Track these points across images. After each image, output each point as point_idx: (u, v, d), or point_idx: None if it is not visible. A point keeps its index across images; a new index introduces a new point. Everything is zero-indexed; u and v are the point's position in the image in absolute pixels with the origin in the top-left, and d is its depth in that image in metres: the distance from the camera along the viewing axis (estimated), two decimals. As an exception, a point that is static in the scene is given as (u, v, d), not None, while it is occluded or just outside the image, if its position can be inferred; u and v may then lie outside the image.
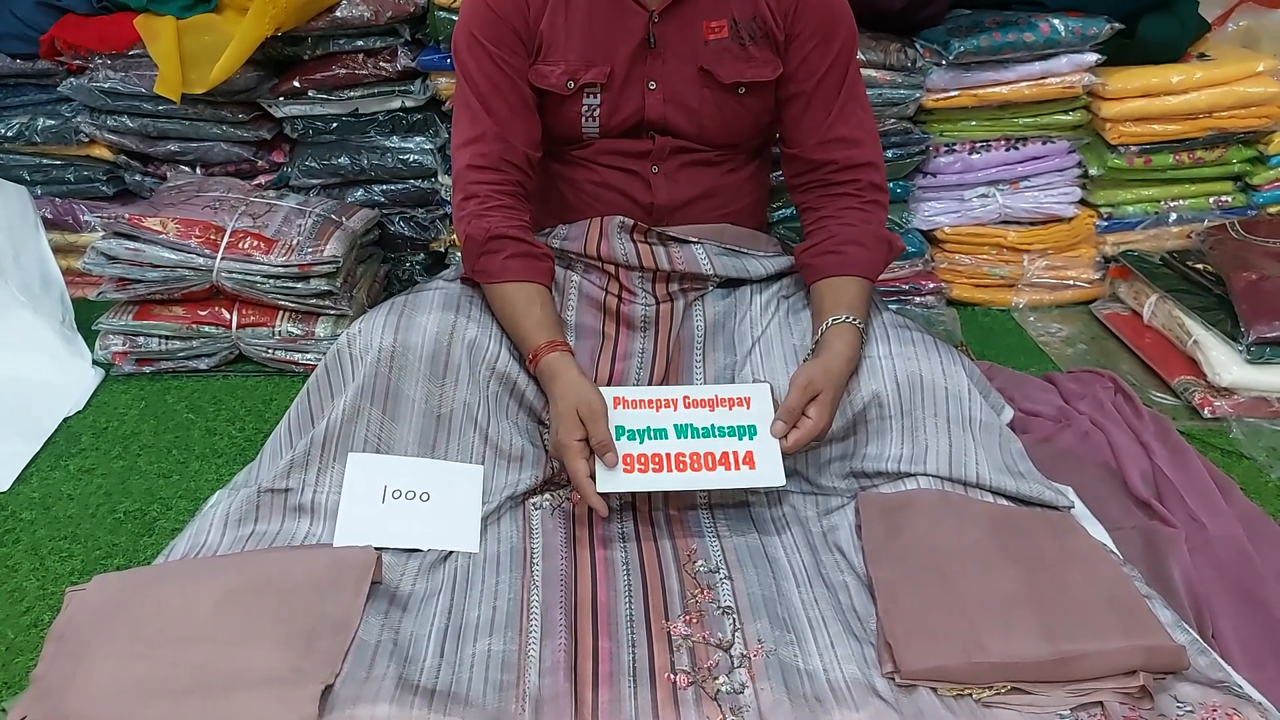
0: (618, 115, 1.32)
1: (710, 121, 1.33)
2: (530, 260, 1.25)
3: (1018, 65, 1.82)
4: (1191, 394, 1.64)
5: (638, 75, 1.30)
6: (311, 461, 1.17)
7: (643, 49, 1.29)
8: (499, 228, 1.24)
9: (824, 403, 1.13)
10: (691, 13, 1.28)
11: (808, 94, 1.31)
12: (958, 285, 1.98)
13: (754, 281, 1.38)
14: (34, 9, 1.73)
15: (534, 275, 1.24)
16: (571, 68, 1.28)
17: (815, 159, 1.33)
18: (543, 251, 1.27)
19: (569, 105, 1.31)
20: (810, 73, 1.30)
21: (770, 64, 1.30)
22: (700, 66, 1.29)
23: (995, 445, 1.20)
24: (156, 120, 1.79)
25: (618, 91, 1.30)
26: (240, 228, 1.65)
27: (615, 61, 1.28)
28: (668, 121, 1.33)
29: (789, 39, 1.30)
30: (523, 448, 1.21)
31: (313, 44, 1.77)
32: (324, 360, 1.23)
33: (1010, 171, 1.92)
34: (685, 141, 1.35)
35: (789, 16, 1.29)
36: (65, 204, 1.89)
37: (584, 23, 1.28)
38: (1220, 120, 1.88)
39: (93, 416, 1.58)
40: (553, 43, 1.28)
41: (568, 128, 1.33)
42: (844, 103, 1.32)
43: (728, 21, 1.28)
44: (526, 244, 1.25)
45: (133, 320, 1.66)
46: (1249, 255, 1.75)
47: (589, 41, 1.28)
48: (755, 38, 1.29)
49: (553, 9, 1.27)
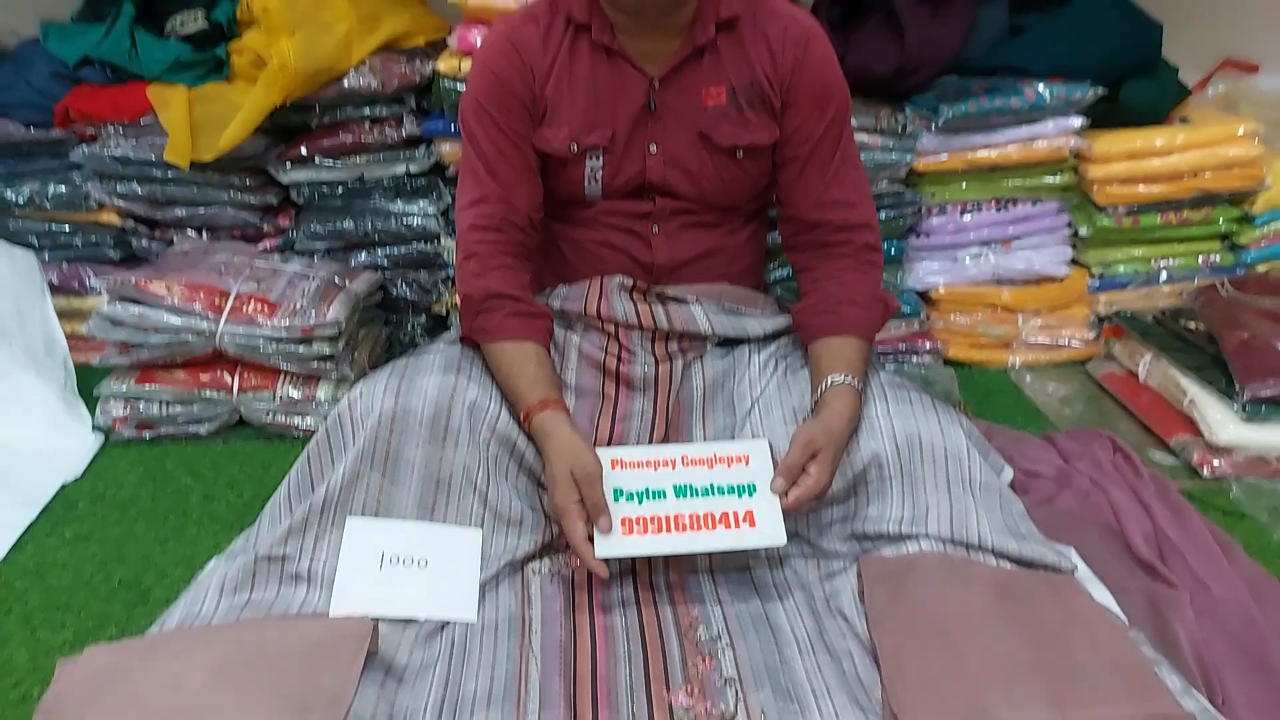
0: (620, 177, 1.35)
1: (709, 184, 1.36)
2: (528, 319, 1.27)
3: (1005, 129, 1.86)
4: (1190, 453, 1.64)
5: (639, 138, 1.33)
6: (310, 527, 1.17)
7: (644, 114, 1.32)
8: (497, 287, 1.26)
9: (824, 460, 1.14)
10: (691, 79, 1.32)
11: (803, 158, 1.34)
12: (954, 345, 2.00)
13: (752, 341, 1.39)
14: (50, 79, 1.77)
15: (531, 334, 1.26)
16: (575, 131, 1.32)
17: (811, 219, 1.35)
18: (541, 311, 1.29)
19: (572, 168, 1.34)
20: (806, 138, 1.33)
21: (767, 129, 1.33)
22: (700, 131, 1.33)
23: (996, 506, 1.20)
24: (165, 186, 1.82)
25: (620, 154, 1.33)
26: (245, 291, 1.67)
27: (617, 125, 1.32)
28: (668, 183, 1.36)
29: (785, 105, 1.33)
30: (522, 511, 1.21)
31: (320, 112, 1.81)
32: (324, 424, 1.23)
33: (1001, 232, 1.95)
34: (685, 203, 1.37)
35: (786, 84, 1.32)
36: (72, 269, 1.91)
37: (587, 88, 1.31)
38: (1204, 181, 1.92)
39: (91, 483, 1.58)
40: (556, 108, 1.32)
41: (571, 190, 1.36)
42: (839, 166, 1.35)
43: (726, 88, 1.32)
44: (524, 303, 1.27)
45: (134, 385, 1.66)
46: (1239, 314, 1.77)
47: (592, 106, 1.31)
48: (753, 104, 1.32)
49: (557, 75, 1.31)
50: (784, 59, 1.31)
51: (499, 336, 1.25)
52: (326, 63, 1.72)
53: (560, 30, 1.31)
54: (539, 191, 1.34)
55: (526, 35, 1.31)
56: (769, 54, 1.31)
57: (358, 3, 1.78)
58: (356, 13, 1.76)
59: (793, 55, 1.31)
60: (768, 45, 1.31)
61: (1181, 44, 2.02)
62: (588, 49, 1.31)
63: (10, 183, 1.85)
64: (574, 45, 1.31)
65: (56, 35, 1.79)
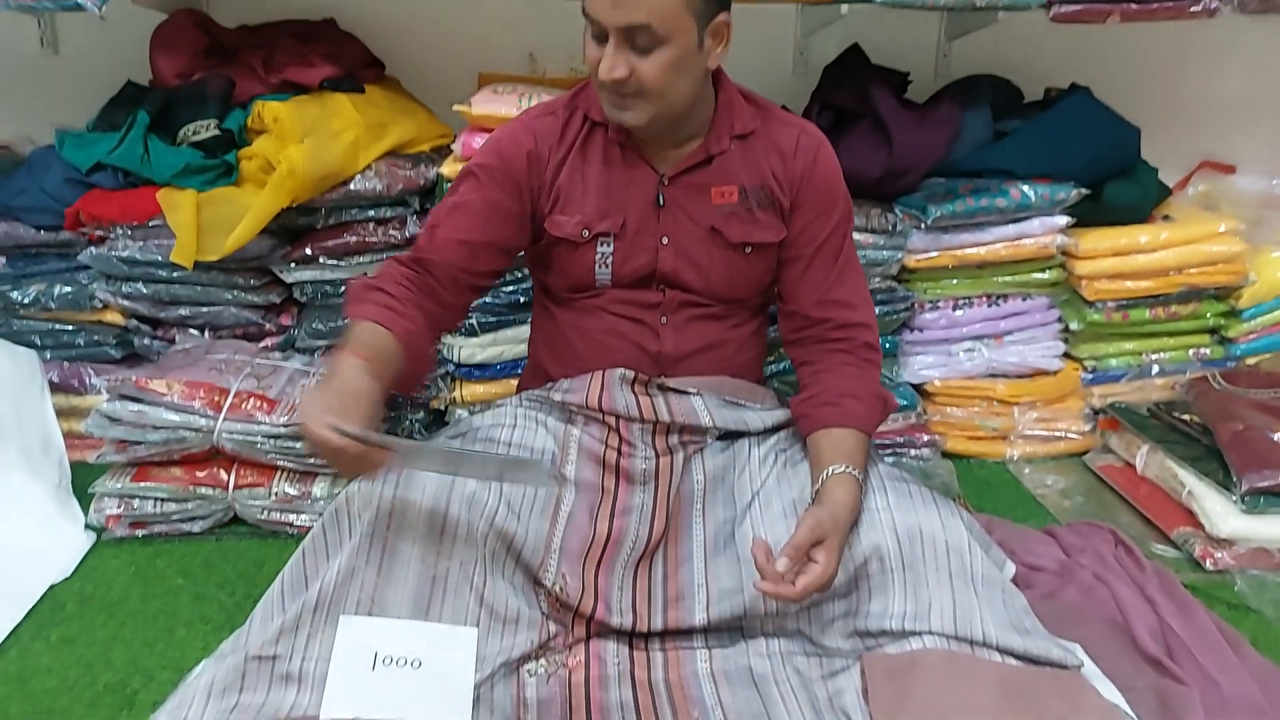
0: (629, 264, 1.39)
1: (718, 277, 1.40)
2: (391, 312, 1.25)
3: (992, 227, 1.91)
4: (1192, 546, 1.63)
5: (650, 229, 1.38)
6: (302, 626, 1.15)
7: (654, 207, 1.38)
8: (375, 282, 1.29)
9: (830, 548, 1.13)
10: (702, 179, 1.38)
11: (808, 257, 1.40)
12: (952, 437, 2.01)
13: (752, 434, 1.40)
14: (62, 184, 1.82)
15: (388, 322, 1.24)
16: (586, 218, 1.37)
17: (813, 316, 1.40)
18: (409, 315, 1.26)
19: (583, 252, 1.39)
20: (811, 238, 1.39)
21: (775, 228, 1.39)
22: (710, 226, 1.38)
23: (999, 601, 1.19)
24: (170, 286, 1.85)
25: (630, 242, 1.38)
26: (244, 389, 1.68)
27: (628, 214, 1.37)
28: (678, 275, 1.40)
29: (793, 207, 1.40)
30: (518, 609, 1.19)
31: (326, 214, 1.85)
32: (322, 519, 1.22)
33: (993, 327, 1.98)
34: (694, 295, 1.41)
35: (795, 188, 1.39)
36: (73, 367, 1.92)
37: (599, 179, 1.37)
38: (1190, 277, 1.97)
39: (80, 583, 1.55)
40: (569, 196, 1.37)
41: (582, 274, 1.40)
42: (841, 269, 1.40)
43: (738, 188, 1.38)
44: (398, 301, 1.27)
45: (130, 483, 1.65)
46: (1232, 406, 1.79)
47: (604, 196, 1.37)
48: (762, 204, 1.39)
49: (570, 165, 1.37)
50: (795, 165, 1.38)
51: (361, 317, 1.24)
52: (334, 168, 1.77)
53: (578, 124, 1.38)
54: (474, 260, 1.36)
55: (544, 126, 1.39)
56: (780, 159, 1.38)
57: (366, 111, 1.86)
58: (364, 121, 1.83)
59: (803, 162, 1.38)
60: (779, 151, 1.39)
61: (1160, 146, 2.10)
62: (602, 141, 1.38)
63: (17, 284, 1.88)
64: (589, 138, 1.38)
65: (71, 142, 1.85)
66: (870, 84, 1.94)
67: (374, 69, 2.05)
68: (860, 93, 1.95)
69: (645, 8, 1.19)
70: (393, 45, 2.10)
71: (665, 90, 1.25)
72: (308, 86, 1.86)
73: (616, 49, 1.22)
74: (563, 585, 1.21)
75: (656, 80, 1.24)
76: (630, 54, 1.23)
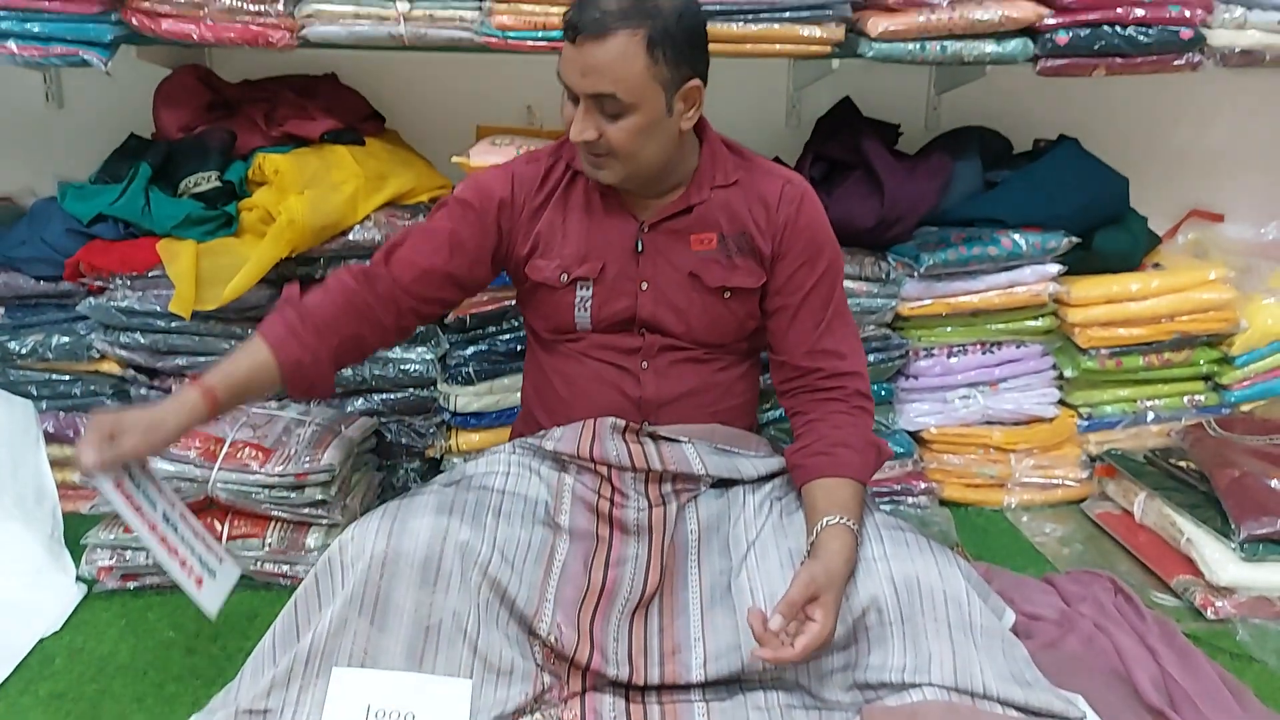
0: (608, 308, 1.40)
1: (697, 321, 1.41)
2: (288, 334, 1.32)
3: (985, 275, 1.93)
4: (1192, 594, 1.62)
5: (629, 274, 1.40)
6: (294, 679, 1.14)
7: (633, 253, 1.39)
8: (299, 298, 1.36)
9: (827, 604, 1.13)
10: (681, 226, 1.40)
11: (794, 308, 1.40)
12: (949, 485, 2.00)
13: (746, 482, 1.40)
14: (63, 235, 1.83)
15: (277, 342, 1.31)
16: (565, 263, 1.40)
17: (803, 366, 1.40)
18: (307, 343, 1.32)
19: (562, 296, 1.41)
20: (797, 288, 1.40)
21: (754, 274, 1.40)
22: (690, 272, 1.39)
23: (999, 652, 1.18)
24: (168, 336, 1.85)
25: (609, 286, 1.40)
26: (240, 438, 1.67)
27: (608, 260, 1.39)
28: (658, 319, 1.41)
29: (777, 256, 1.40)
30: (512, 661, 1.18)
31: (324, 264, 1.86)
32: (314, 569, 1.21)
33: (988, 374, 1.99)
34: (674, 339, 1.42)
35: (778, 237, 1.40)
36: (68, 418, 1.92)
37: (580, 225, 1.40)
38: (1182, 324, 1.98)
39: (70, 636, 1.53)
40: (550, 241, 1.40)
41: (563, 317, 1.42)
42: (830, 319, 1.41)
43: (716, 235, 1.40)
44: (301, 325, 1.33)
45: (123, 534, 1.64)
46: (1229, 453, 1.79)
47: (583, 241, 1.39)
48: (742, 250, 1.40)
49: (552, 211, 1.40)
50: (779, 214, 1.40)
51: (260, 330, 1.33)
52: (333, 219, 1.79)
53: (560, 172, 1.42)
54: (426, 285, 1.40)
55: (526, 173, 1.42)
56: (764, 209, 1.40)
57: (366, 163, 1.88)
58: (364, 172, 1.85)
59: (787, 212, 1.40)
60: (763, 201, 1.40)
61: (1149, 196, 2.14)
62: (584, 189, 1.40)
63: (15, 334, 1.88)
64: (570, 185, 1.41)
65: (74, 195, 1.86)
66: (862, 135, 1.98)
67: (374, 122, 2.08)
68: (852, 144, 1.98)
69: (610, 78, 1.23)
70: (393, 99, 2.14)
71: (635, 153, 1.29)
72: (309, 139, 1.89)
73: (586, 113, 1.27)
74: (558, 635, 1.19)
75: (624, 144, 1.28)
76: (600, 118, 1.27)
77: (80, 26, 1.70)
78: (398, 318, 1.40)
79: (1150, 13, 1.82)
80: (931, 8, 1.76)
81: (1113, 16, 1.81)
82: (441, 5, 1.73)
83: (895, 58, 1.80)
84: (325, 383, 1.36)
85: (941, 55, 1.81)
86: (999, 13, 1.78)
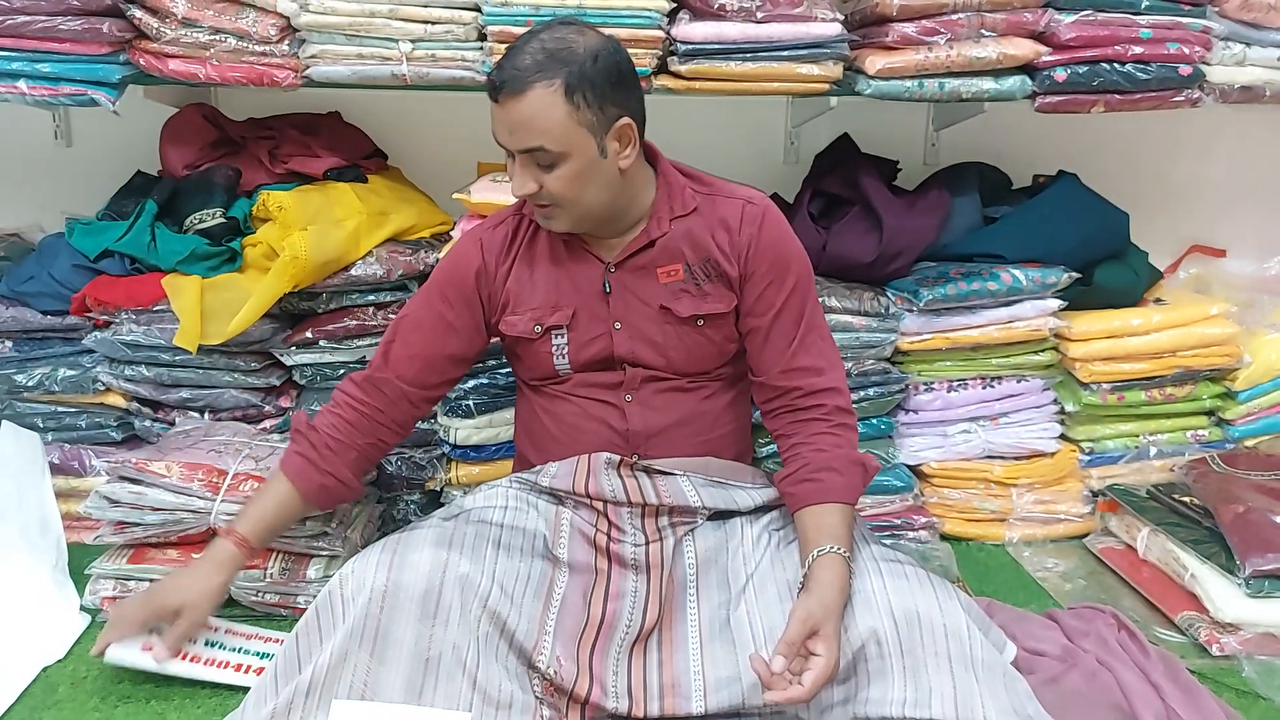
0: (585, 352, 1.42)
1: (675, 353, 1.42)
2: (307, 465, 1.43)
3: (984, 310, 1.93)
4: (1197, 630, 1.60)
5: (601, 316, 1.42)
6: (294, 710, 1.14)
7: (602, 294, 1.41)
8: (308, 425, 1.46)
9: (827, 635, 1.13)
10: (645, 260, 1.41)
11: (766, 327, 1.41)
12: (949, 520, 1.99)
13: (743, 513, 1.40)
14: (70, 271, 1.86)
15: (298, 479, 1.43)
16: (538, 314, 1.42)
17: (780, 385, 1.41)
18: (325, 468, 1.43)
19: (539, 346, 1.43)
20: (767, 307, 1.41)
21: (724, 298, 1.42)
22: (660, 305, 1.41)
23: (1000, 686, 1.17)
24: (172, 370, 1.87)
25: (583, 331, 1.42)
26: (242, 470, 1.68)
27: (578, 305, 1.41)
28: (636, 355, 1.42)
29: (744, 277, 1.41)
30: (511, 694, 1.18)
31: (327, 299, 1.89)
32: (315, 602, 1.22)
33: (989, 409, 1.99)
34: (655, 371, 1.43)
35: (743, 257, 1.41)
36: (74, 450, 1.93)
37: (547, 275, 1.42)
38: (1184, 359, 1.98)
39: (73, 665, 1.54)
40: (519, 297, 1.43)
41: (543, 366, 1.44)
42: (804, 334, 1.41)
43: (682, 266, 1.41)
44: (317, 453, 1.44)
45: (126, 564, 1.65)
46: (1233, 488, 1.78)
47: (552, 290, 1.42)
48: (710, 277, 1.41)
49: (518, 268, 1.44)
50: (741, 235, 1.40)
51: (280, 464, 1.46)
52: (336, 254, 1.81)
53: (525, 229, 1.45)
54: (428, 376, 1.48)
55: (493, 239, 1.46)
56: (726, 232, 1.41)
57: (368, 200, 1.91)
58: (366, 209, 1.88)
59: (749, 231, 1.40)
60: (724, 224, 1.41)
61: (1149, 231, 2.14)
62: (548, 240, 1.43)
63: (22, 367, 1.90)
64: (534, 239, 1.44)
65: (81, 231, 1.89)
66: (860, 171, 1.99)
67: (377, 159, 2.11)
68: (850, 180, 2.00)
69: (535, 131, 1.26)
70: (395, 136, 2.17)
71: (576, 199, 1.32)
72: (312, 176, 1.92)
73: (523, 168, 1.31)
74: (557, 668, 1.19)
75: (564, 192, 1.31)
76: (536, 170, 1.30)
77: (89, 67, 1.74)
78: (411, 410, 1.49)
79: (1149, 50, 1.83)
80: (930, 46, 1.78)
81: (1111, 54, 1.83)
82: (444, 45, 1.76)
83: (893, 95, 1.82)
84: (352, 493, 1.49)
85: (939, 93, 1.83)
86: (997, 50, 1.80)
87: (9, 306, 1.89)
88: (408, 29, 1.74)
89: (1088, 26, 1.82)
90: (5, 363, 1.91)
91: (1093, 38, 1.82)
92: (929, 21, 1.78)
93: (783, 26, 1.76)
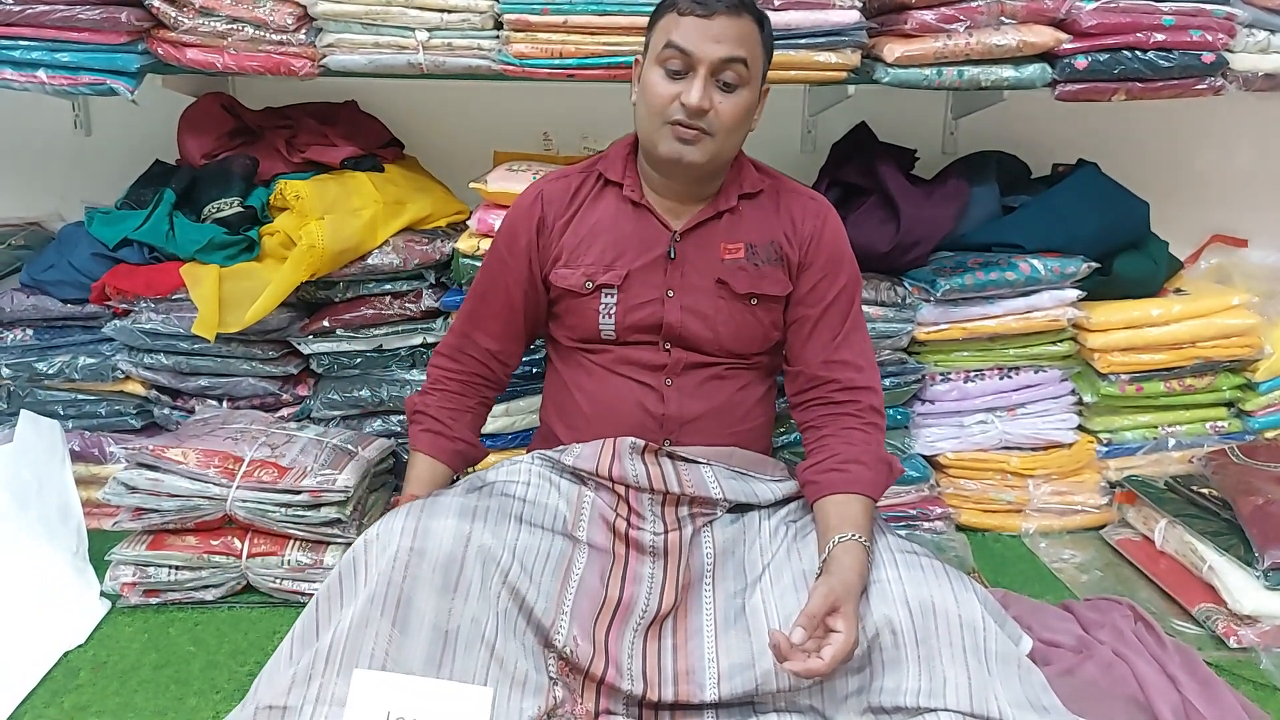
0: (633, 315, 1.43)
1: (724, 329, 1.44)
2: (437, 437, 1.49)
3: (1002, 300, 1.92)
4: (1215, 622, 1.59)
5: (655, 282, 1.43)
6: (314, 676, 1.13)
7: (663, 260, 1.43)
8: (423, 404, 1.51)
9: (848, 614, 1.14)
10: (711, 234, 1.44)
11: (815, 318, 1.45)
12: (965, 510, 1.98)
13: (762, 506, 1.40)
14: (90, 259, 1.87)
15: (436, 451, 1.48)
16: (591, 271, 1.43)
17: (819, 375, 1.43)
18: (454, 435, 1.50)
19: (587, 303, 1.44)
20: (819, 299, 1.45)
21: (781, 282, 1.45)
22: (717, 279, 1.43)
23: (1015, 678, 1.17)
24: (191, 358, 1.89)
25: (633, 294, 1.43)
26: (258, 457, 1.69)
27: (634, 268, 1.43)
28: (685, 327, 1.43)
29: (802, 266, 1.46)
30: (527, 673, 1.17)
31: (344, 288, 1.90)
32: (338, 566, 1.21)
33: (1006, 399, 1.98)
34: (700, 355, 1.44)
35: (805, 247, 1.46)
36: (93, 437, 1.95)
37: (608, 233, 1.44)
38: (1204, 350, 1.96)
39: (94, 650, 1.56)
40: (574, 251, 1.45)
41: (586, 326, 1.45)
42: (849, 331, 1.45)
43: (744, 245, 1.44)
44: (442, 424, 1.49)
45: (145, 550, 1.67)
46: (1252, 480, 1.76)
47: (610, 249, 1.44)
48: (770, 260, 1.44)
49: (576, 223, 1.46)
50: (804, 227, 1.46)
51: (414, 447, 1.51)
52: (353, 243, 1.82)
53: (590, 185, 1.48)
54: (510, 335, 1.53)
55: (555, 190, 1.48)
56: (790, 222, 1.46)
57: (385, 189, 1.91)
58: (383, 198, 1.89)
59: (812, 225, 1.46)
60: (789, 214, 1.46)
61: (1170, 221, 2.12)
62: (614, 199, 1.45)
63: (43, 355, 1.92)
64: (600, 195, 1.47)
65: (100, 220, 1.90)
66: (878, 160, 1.98)
67: (394, 148, 2.12)
68: (868, 169, 1.99)
69: (746, 44, 1.33)
70: (412, 125, 2.18)
71: (733, 130, 1.36)
72: (329, 165, 1.92)
73: (704, 83, 1.33)
74: (574, 648, 1.20)
75: (730, 119, 1.35)
76: (715, 91, 1.34)
77: (108, 56, 1.74)
78: (502, 367, 1.57)
79: (1171, 37, 1.81)
80: (949, 33, 1.76)
81: (1133, 41, 1.80)
82: (460, 34, 1.76)
83: (912, 83, 1.80)
84: (481, 452, 1.57)
85: (958, 81, 1.81)
86: (1017, 38, 1.78)
87: (29, 295, 1.92)
88: (424, 17, 1.74)
89: (1109, 13, 1.79)
90: (26, 351, 1.93)
91: (1114, 25, 1.80)
92: (948, 9, 1.76)
93: (800, 14, 1.75)
